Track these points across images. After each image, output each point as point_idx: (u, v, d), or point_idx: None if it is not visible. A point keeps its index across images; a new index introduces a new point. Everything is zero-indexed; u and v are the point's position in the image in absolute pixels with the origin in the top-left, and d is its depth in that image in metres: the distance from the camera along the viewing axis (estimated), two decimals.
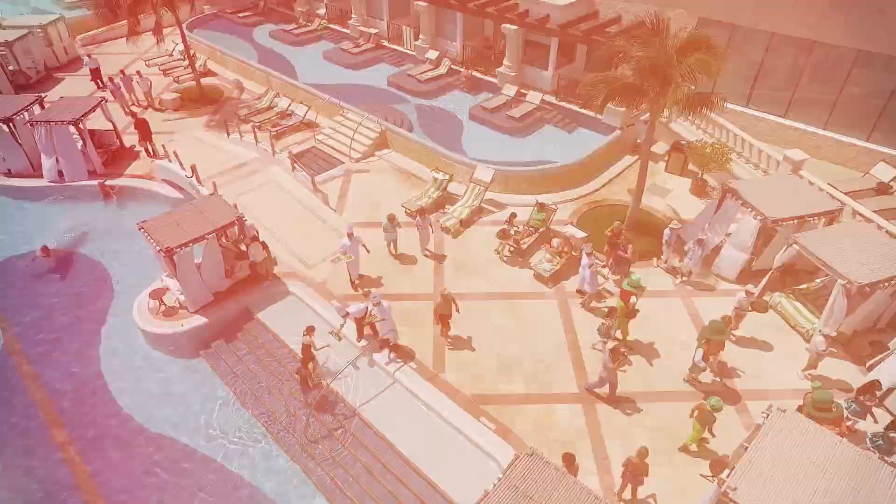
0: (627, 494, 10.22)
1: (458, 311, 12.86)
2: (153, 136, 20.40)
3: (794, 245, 13.01)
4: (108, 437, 12.26)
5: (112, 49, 29.74)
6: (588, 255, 13.56)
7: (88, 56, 25.25)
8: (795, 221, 13.71)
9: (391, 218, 15.09)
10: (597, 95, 13.93)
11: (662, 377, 12.46)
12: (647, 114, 14.99)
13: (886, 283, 11.92)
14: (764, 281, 14.01)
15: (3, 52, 24.86)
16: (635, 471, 9.48)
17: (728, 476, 8.23)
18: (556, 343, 13.22)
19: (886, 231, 13.84)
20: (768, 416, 9.07)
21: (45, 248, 16.69)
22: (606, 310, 12.87)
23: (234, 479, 11.47)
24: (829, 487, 8.02)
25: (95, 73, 25.05)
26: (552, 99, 21.83)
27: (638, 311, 12.83)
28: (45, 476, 11.53)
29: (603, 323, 12.49)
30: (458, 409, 11.76)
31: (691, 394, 12.02)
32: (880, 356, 12.13)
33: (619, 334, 12.96)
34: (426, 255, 15.78)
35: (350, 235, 14.08)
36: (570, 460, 9.45)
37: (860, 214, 14.38)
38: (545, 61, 22.03)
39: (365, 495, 10.92)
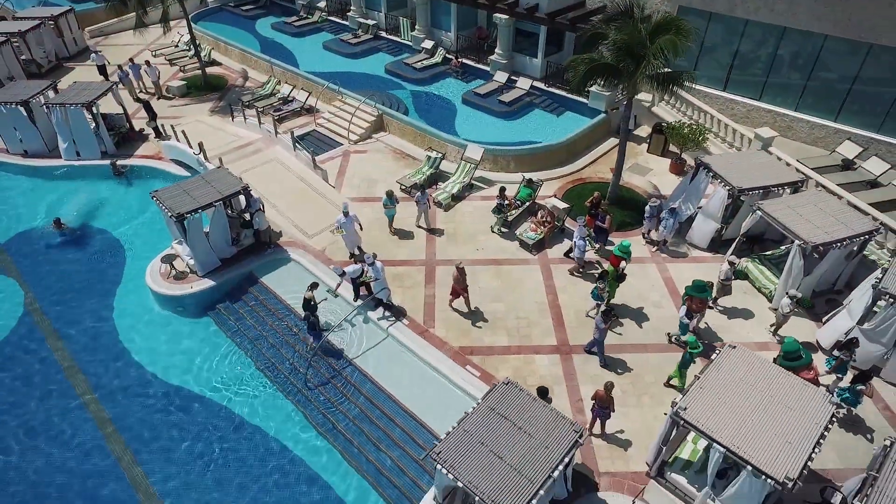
0: (598, 430, 11.29)
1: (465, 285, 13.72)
2: (158, 119, 21.51)
3: (758, 211, 14.08)
4: (122, 385, 13.33)
5: (120, 40, 30.86)
6: (582, 226, 14.57)
7: (96, 53, 26.33)
8: (760, 191, 14.77)
9: (390, 194, 16.17)
10: (577, 74, 14.98)
11: (634, 331, 13.51)
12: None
13: (839, 244, 12.97)
14: (732, 248, 15.08)
15: (17, 43, 25.95)
16: (601, 402, 10.54)
17: (680, 399, 9.30)
18: (538, 302, 14.28)
19: (847, 201, 14.94)
20: (719, 352, 10.15)
21: (57, 221, 17.77)
22: (598, 274, 13.84)
23: (237, 419, 12.54)
24: (767, 405, 9.10)
25: (101, 70, 26.01)
26: (541, 85, 22.92)
27: (626, 275, 13.85)
28: (69, 419, 12.60)
29: (597, 286, 13.39)
30: (445, 359, 12.82)
31: (661, 345, 13.09)
32: (833, 311, 13.20)
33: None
34: (420, 228, 16.84)
35: (346, 214, 15.09)
36: (543, 392, 10.50)
37: (823, 186, 15.44)
38: (535, 49, 23.11)
39: (361, 433, 12.01)
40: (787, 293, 12.94)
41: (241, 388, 13.19)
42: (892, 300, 11.48)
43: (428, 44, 26.06)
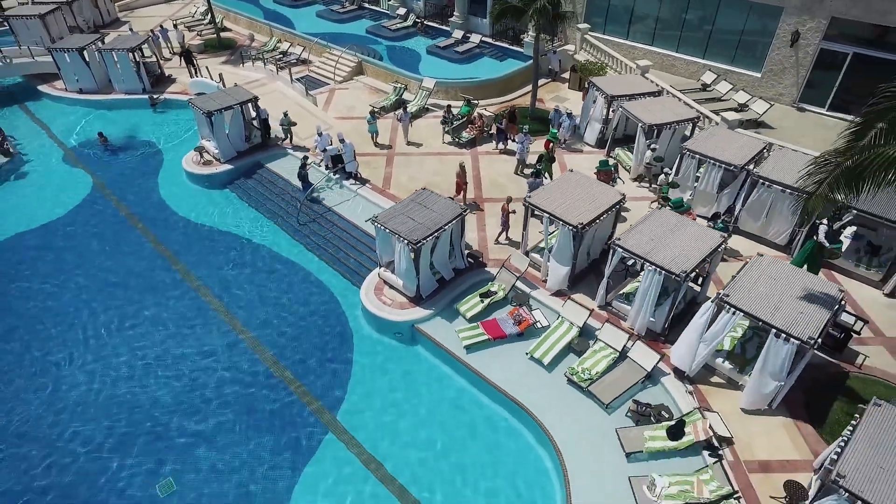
0: (503, 239, 16.84)
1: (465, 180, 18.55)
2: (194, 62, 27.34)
3: (621, 109, 19.74)
4: (169, 227, 19.02)
5: (144, 13, 36.67)
6: (525, 134, 19.97)
7: (130, 30, 32.00)
8: (628, 98, 20.40)
9: (372, 112, 21.74)
10: (494, 12, 20.70)
11: None
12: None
13: (668, 126, 18.62)
14: (609, 142, 20.72)
15: (64, 12, 31.65)
16: (504, 212, 16.16)
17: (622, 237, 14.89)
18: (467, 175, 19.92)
19: (684, 101, 20.58)
20: (650, 211, 15.78)
21: (101, 135, 23.36)
22: (538, 157, 19.26)
23: (252, 244, 18.22)
24: (682, 240, 14.76)
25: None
26: (489, 40, 28.65)
27: (555, 157, 19.45)
28: (139, 247, 18.23)
29: (535, 166, 18.66)
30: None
31: None
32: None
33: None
34: (407, 144, 22.19)
35: (319, 134, 20.28)
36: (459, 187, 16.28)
37: (674, 96, 21.13)
38: (484, 11, 28.80)
39: (337, 249, 17.64)
40: (648, 147, 18.60)
41: (253, 227, 18.88)
42: (690, 154, 17.14)
43: (402, 11, 31.81)
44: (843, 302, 12.04)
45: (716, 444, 11.47)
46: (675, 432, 11.66)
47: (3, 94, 27.38)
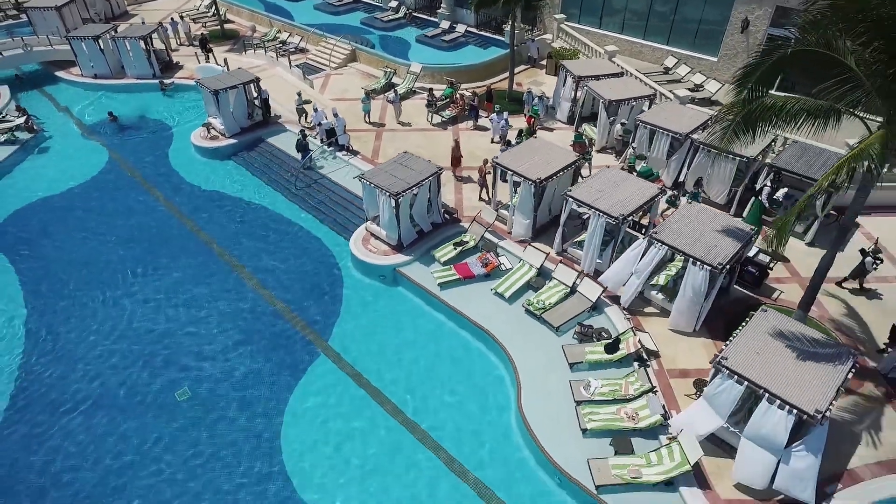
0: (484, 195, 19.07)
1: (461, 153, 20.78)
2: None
3: (587, 88, 21.96)
4: (180, 191, 21.25)
5: (151, 6, 38.88)
6: (498, 113, 22.15)
7: (143, 22, 34.22)
8: (594, 78, 22.60)
9: (367, 92, 24.00)
10: (475, 2, 22.95)
11: None
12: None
13: (626, 101, 20.84)
14: (577, 118, 22.93)
15: (78, 5, 33.89)
16: (481, 173, 18.38)
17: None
18: (447, 147, 22.04)
19: (644, 82, 22.80)
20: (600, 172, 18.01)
21: (111, 114, 25.61)
22: (518, 131, 21.55)
23: (254, 206, 20.45)
24: (626, 193, 16.99)
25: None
26: (474, 30, 30.87)
27: (535, 130, 21.69)
28: (152, 208, 20.46)
29: (517, 139, 21.07)
30: None
31: None
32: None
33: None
34: (399, 124, 24.43)
35: (315, 110, 22.68)
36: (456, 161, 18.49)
37: (635, 76, 23.35)
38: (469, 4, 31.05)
39: (332, 211, 19.84)
40: (619, 123, 20.87)
41: (255, 192, 21.12)
42: (643, 124, 19.37)
43: (394, 3, 34.06)
44: (753, 239, 14.26)
45: (644, 356, 13.70)
46: (611, 348, 13.88)
47: (24, 80, 29.55)
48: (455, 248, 17.07)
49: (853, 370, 10.80)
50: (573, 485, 11.51)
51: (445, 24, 31.42)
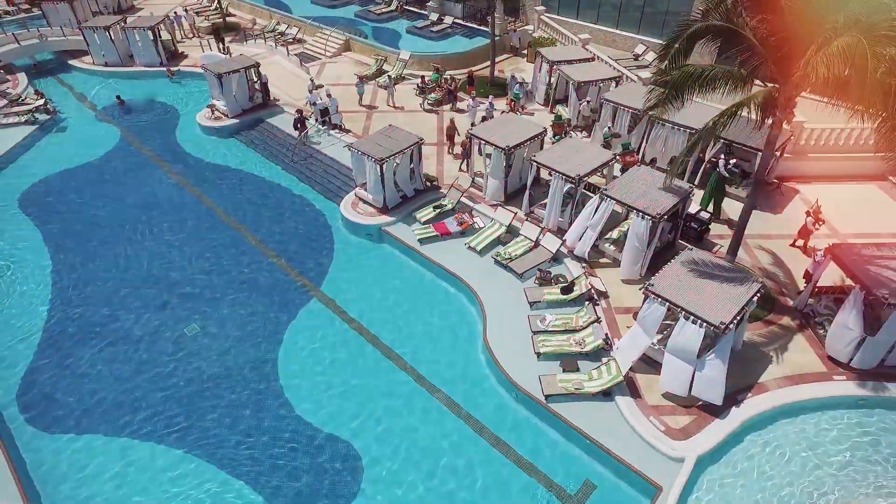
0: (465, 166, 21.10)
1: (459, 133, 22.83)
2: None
3: (559, 72, 23.99)
4: (186, 165, 23.29)
5: (157, 0, 40.95)
6: (473, 98, 24.21)
7: (151, 14, 36.32)
8: (567, 63, 24.63)
9: (361, 78, 26.09)
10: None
11: None
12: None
13: (595, 83, 22.90)
14: (551, 100, 24.96)
15: None
16: (464, 146, 20.42)
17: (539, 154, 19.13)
18: (432, 128, 24.15)
19: (613, 66, 24.83)
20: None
21: (118, 97, 27.68)
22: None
23: (254, 177, 22.51)
24: (585, 157, 19.02)
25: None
26: (461, 21, 32.94)
27: (516, 112, 23.79)
28: (160, 181, 22.50)
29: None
30: None
31: None
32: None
33: None
34: (394, 108, 26.45)
35: (310, 91, 24.83)
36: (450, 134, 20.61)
37: (604, 61, 25.38)
38: None
39: (325, 181, 21.88)
40: (585, 101, 22.90)
41: (255, 165, 23.19)
42: (607, 102, 21.41)
43: None
44: (690, 195, 16.30)
45: (595, 296, 15.73)
46: (566, 290, 15.92)
47: (40, 69, 31.60)
48: (434, 210, 19.11)
49: (758, 294, 12.86)
50: (527, 398, 13.56)
51: (434, 16, 33.46)
